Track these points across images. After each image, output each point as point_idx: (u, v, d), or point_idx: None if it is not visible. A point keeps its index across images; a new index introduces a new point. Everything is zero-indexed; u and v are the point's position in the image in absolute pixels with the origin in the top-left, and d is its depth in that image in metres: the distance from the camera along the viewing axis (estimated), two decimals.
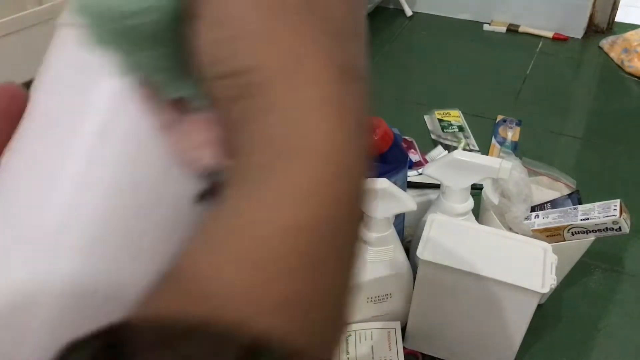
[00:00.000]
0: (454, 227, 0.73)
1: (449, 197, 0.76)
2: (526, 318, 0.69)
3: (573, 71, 1.50)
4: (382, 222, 0.69)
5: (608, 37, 1.59)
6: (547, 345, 0.82)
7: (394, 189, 0.67)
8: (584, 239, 0.77)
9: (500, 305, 0.69)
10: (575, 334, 0.84)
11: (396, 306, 0.78)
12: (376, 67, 1.52)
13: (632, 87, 1.42)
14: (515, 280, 0.65)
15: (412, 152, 1.04)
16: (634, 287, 0.91)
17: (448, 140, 1.22)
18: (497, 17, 1.72)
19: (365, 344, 0.76)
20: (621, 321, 0.86)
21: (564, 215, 0.79)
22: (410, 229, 0.87)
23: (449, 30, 1.71)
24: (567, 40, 1.63)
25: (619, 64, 1.50)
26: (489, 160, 0.73)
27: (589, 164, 1.17)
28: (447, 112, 1.31)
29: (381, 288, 0.75)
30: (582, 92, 1.41)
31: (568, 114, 1.32)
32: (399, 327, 0.78)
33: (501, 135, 1.24)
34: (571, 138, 1.24)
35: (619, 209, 0.74)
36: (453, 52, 1.59)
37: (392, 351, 0.75)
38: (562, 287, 0.88)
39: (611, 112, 1.33)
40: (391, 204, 0.67)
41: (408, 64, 1.55)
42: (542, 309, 0.86)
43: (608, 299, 0.89)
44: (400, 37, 1.67)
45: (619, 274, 0.93)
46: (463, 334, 0.74)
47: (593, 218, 0.75)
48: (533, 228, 0.80)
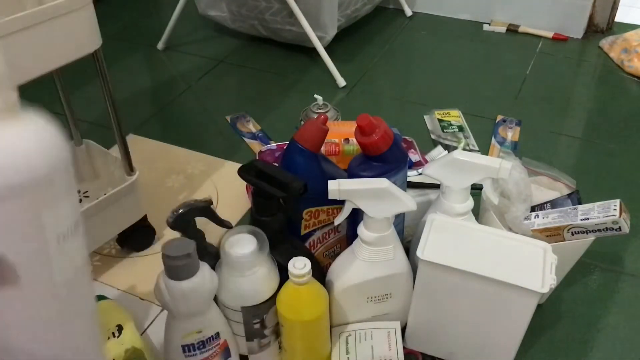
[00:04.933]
0: (454, 227, 0.73)
1: (449, 197, 0.76)
2: (526, 318, 0.69)
3: (573, 71, 1.50)
4: (382, 222, 0.69)
5: (608, 37, 1.59)
6: (547, 345, 0.82)
7: (394, 189, 0.67)
8: (584, 239, 0.77)
9: (500, 305, 0.69)
10: (575, 334, 0.84)
11: (396, 306, 0.78)
12: (376, 67, 1.52)
13: (632, 87, 1.42)
14: (515, 280, 0.66)
15: (412, 152, 1.04)
16: (634, 287, 0.91)
17: (448, 140, 1.22)
18: (497, 17, 1.72)
19: (365, 344, 0.76)
20: (621, 321, 0.86)
21: (564, 215, 0.79)
22: (410, 229, 0.87)
23: (449, 30, 1.71)
24: (567, 40, 1.63)
25: (619, 64, 1.50)
26: (489, 160, 0.73)
27: (589, 164, 1.17)
28: (447, 112, 1.31)
29: (381, 288, 0.75)
30: (582, 92, 1.41)
31: (568, 114, 1.32)
32: (399, 327, 0.78)
33: (501, 135, 1.24)
34: (571, 138, 1.24)
35: (619, 209, 0.74)
36: (453, 52, 1.59)
37: (392, 351, 0.75)
38: (562, 287, 0.88)
39: (611, 112, 1.33)
40: (391, 204, 0.67)
41: (408, 64, 1.55)
42: (542, 309, 0.86)
43: (608, 299, 0.89)
44: (400, 37, 1.67)
45: (619, 274, 0.93)
46: (463, 334, 0.74)
47: (593, 218, 0.75)
48: (533, 228, 0.80)
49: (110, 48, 1.55)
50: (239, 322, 0.71)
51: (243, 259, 0.67)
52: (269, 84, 1.46)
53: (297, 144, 0.73)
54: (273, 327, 0.73)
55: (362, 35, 1.67)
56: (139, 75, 1.52)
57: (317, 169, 0.74)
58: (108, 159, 0.98)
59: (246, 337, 0.73)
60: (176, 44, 1.65)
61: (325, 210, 0.78)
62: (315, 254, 0.81)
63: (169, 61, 1.59)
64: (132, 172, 0.89)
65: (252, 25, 1.56)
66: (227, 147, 1.23)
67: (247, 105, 1.37)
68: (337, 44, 1.54)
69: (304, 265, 0.66)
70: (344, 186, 0.67)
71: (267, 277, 0.69)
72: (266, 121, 1.31)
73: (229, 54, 1.60)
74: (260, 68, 1.53)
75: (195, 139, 1.26)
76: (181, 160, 1.19)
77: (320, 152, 0.76)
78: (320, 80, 1.46)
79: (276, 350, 0.77)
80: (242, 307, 0.69)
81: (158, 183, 1.13)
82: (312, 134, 0.73)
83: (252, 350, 0.75)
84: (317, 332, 0.72)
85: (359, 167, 0.75)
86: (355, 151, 0.89)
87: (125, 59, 1.60)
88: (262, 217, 0.71)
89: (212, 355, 0.69)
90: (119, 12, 1.85)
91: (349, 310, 0.77)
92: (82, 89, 1.41)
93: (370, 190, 0.67)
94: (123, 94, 1.42)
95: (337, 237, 0.83)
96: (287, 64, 1.54)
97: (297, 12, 1.40)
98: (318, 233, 0.80)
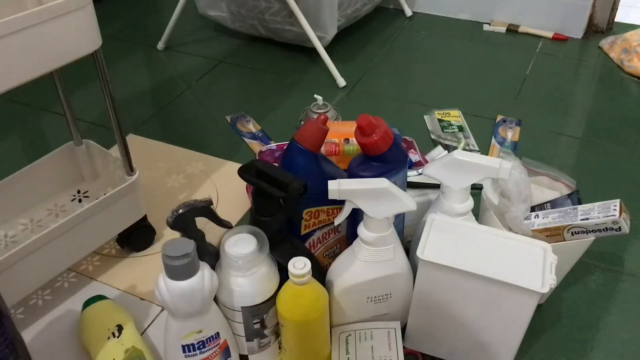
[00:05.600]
0: (454, 227, 0.73)
1: (449, 197, 0.76)
2: (526, 318, 0.69)
3: (573, 71, 1.50)
4: (382, 222, 0.69)
5: (608, 37, 1.59)
6: (547, 345, 0.82)
7: (394, 189, 0.67)
8: (584, 239, 0.77)
9: (500, 305, 0.69)
10: (575, 334, 0.84)
11: (396, 306, 0.78)
12: (376, 67, 1.52)
13: (632, 87, 1.42)
14: (515, 280, 0.65)
15: (412, 152, 1.04)
16: (634, 287, 0.91)
17: (448, 140, 1.22)
18: (497, 17, 1.72)
19: (365, 344, 0.76)
20: (621, 321, 0.86)
21: (564, 215, 0.79)
22: (410, 229, 0.87)
23: (449, 30, 1.71)
24: (566, 40, 1.63)
25: (619, 64, 1.50)
26: (489, 160, 0.73)
27: (589, 164, 1.17)
28: (447, 112, 1.31)
29: (381, 288, 0.75)
30: (582, 92, 1.41)
31: (568, 114, 1.32)
32: (399, 327, 0.78)
33: (501, 135, 1.24)
34: (571, 138, 1.24)
35: (619, 209, 0.74)
36: (453, 52, 1.59)
37: (392, 351, 0.75)
38: (562, 287, 0.89)
39: (611, 112, 1.33)
40: (391, 204, 0.67)
41: (408, 64, 1.55)
42: (542, 309, 0.86)
43: (608, 299, 0.89)
44: (400, 37, 1.67)
45: (619, 274, 0.93)
46: (463, 334, 0.74)
47: (593, 218, 0.75)
48: (533, 228, 0.80)
49: (110, 48, 1.56)
50: (239, 322, 0.71)
51: (243, 259, 0.67)
52: (269, 84, 1.46)
53: (297, 144, 0.73)
54: (273, 327, 0.73)
55: (362, 35, 1.67)
56: (139, 75, 1.52)
57: (317, 169, 0.74)
58: (108, 159, 0.98)
59: (246, 337, 0.73)
60: (176, 44, 1.65)
61: (325, 210, 0.78)
62: (315, 254, 0.81)
63: (169, 61, 1.59)
64: (132, 172, 0.89)
65: (252, 25, 1.56)
66: (227, 147, 1.23)
67: (247, 105, 1.37)
68: (337, 44, 1.54)
69: (304, 265, 0.66)
70: (344, 186, 0.67)
71: (267, 277, 0.69)
72: (266, 121, 1.31)
73: (229, 54, 1.60)
74: (260, 68, 1.53)
75: (195, 139, 1.26)
76: (181, 160, 1.19)
77: (320, 152, 0.76)
78: (320, 80, 1.46)
79: (276, 350, 0.77)
80: (242, 307, 0.69)
81: (158, 183, 1.13)
82: (312, 134, 0.73)
83: (252, 350, 0.75)
84: (317, 332, 0.72)
85: (359, 167, 0.75)
86: (355, 151, 0.89)
87: (125, 59, 1.60)
88: (262, 217, 0.71)
89: (212, 355, 0.69)
90: (119, 12, 1.85)
91: (349, 310, 0.77)
92: (82, 89, 1.41)
93: (370, 190, 0.67)
94: (123, 94, 1.42)
95: (337, 237, 0.83)
96: (287, 64, 1.54)
97: (297, 12, 1.40)
98: (318, 233, 0.80)
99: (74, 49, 0.71)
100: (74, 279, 0.93)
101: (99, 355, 0.76)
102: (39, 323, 0.86)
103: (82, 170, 1.03)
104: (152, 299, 0.89)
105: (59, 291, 0.91)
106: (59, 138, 1.09)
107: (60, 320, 0.86)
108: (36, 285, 0.84)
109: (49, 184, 1.00)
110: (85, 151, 1.01)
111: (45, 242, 0.81)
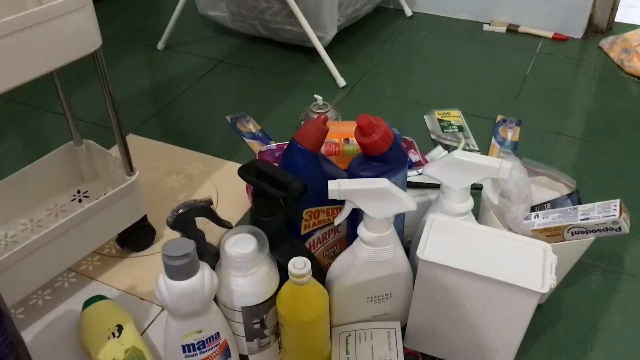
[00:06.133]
0: (454, 227, 0.73)
1: (449, 197, 0.76)
2: (526, 318, 0.69)
3: (573, 71, 1.50)
4: (382, 222, 0.69)
5: (608, 37, 1.59)
6: (547, 345, 0.82)
7: (394, 189, 0.67)
8: (583, 239, 0.77)
9: (500, 305, 0.69)
10: (575, 334, 0.84)
11: (396, 306, 0.78)
12: (376, 67, 1.52)
13: (632, 87, 1.42)
14: (515, 280, 0.65)
15: (412, 152, 1.04)
16: (634, 287, 0.91)
17: (448, 140, 1.22)
18: (497, 17, 1.72)
19: (365, 344, 0.76)
20: (621, 321, 0.86)
21: (564, 215, 0.79)
22: (410, 229, 0.87)
23: (449, 30, 1.71)
24: (566, 40, 1.63)
25: (619, 64, 1.50)
26: (489, 160, 0.72)
27: (589, 164, 1.17)
28: (447, 112, 1.31)
29: (381, 288, 0.75)
30: (582, 92, 1.41)
31: (568, 114, 1.32)
32: (399, 327, 0.78)
33: (501, 135, 1.24)
34: (571, 138, 1.24)
35: (619, 209, 0.74)
36: (453, 52, 1.59)
37: (392, 351, 0.75)
38: (562, 287, 0.89)
39: (611, 112, 1.33)
40: (391, 204, 0.67)
41: (408, 64, 1.55)
42: (542, 309, 0.86)
43: (608, 299, 0.89)
44: (400, 37, 1.67)
45: (619, 274, 0.93)
46: (463, 334, 0.74)
47: (593, 218, 0.75)
48: (533, 228, 0.80)
49: (110, 48, 1.56)
50: (239, 322, 0.71)
51: (243, 259, 0.67)
52: (269, 84, 1.46)
53: (297, 144, 0.73)
54: (273, 327, 0.73)
55: (362, 35, 1.67)
56: (139, 75, 1.52)
57: (317, 169, 0.74)
58: (108, 159, 0.98)
59: (246, 337, 0.73)
60: (176, 44, 1.65)
61: (325, 210, 0.78)
62: (315, 254, 0.81)
63: (169, 61, 1.59)
64: (132, 172, 0.89)
65: (252, 25, 1.56)
66: (227, 147, 1.23)
67: (247, 105, 1.37)
68: (337, 44, 1.54)
69: (304, 265, 0.66)
70: (344, 186, 0.67)
71: (267, 277, 0.69)
72: (266, 121, 1.31)
73: (229, 54, 1.60)
74: (260, 68, 1.53)
75: (195, 139, 1.26)
76: (181, 160, 1.19)
77: (320, 152, 0.76)
78: (320, 80, 1.46)
79: (276, 350, 0.77)
80: (242, 307, 0.69)
81: (158, 183, 1.13)
82: (312, 134, 0.73)
83: (252, 350, 0.75)
84: (317, 332, 0.72)
85: (359, 167, 0.75)
86: (355, 151, 0.89)
87: (125, 59, 1.60)
88: (262, 217, 0.71)
89: (212, 355, 0.69)
90: (119, 12, 1.85)
91: (349, 310, 0.77)
92: (82, 89, 1.41)
93: (370, 190, 0.67)
94: (123, 94, 1.42)
95: (337, 237, 0.83)
96: (287, 64, 1.54)
97: (297, 12, 1.40)
98: (318, 233, 0.80)
99: (74, 49, 0.71)
100: (74, 279, 0.93)
101: (99, 355, 0.76)
102: (39, 323, 0.86)
103: (82, 170, 1.03)
104: (152, 299, 0.89)
105: (59, 291, 0.91)
106: (59, 138, 1.09)
107: (60, 320, 0.86)
108: (36, 285, 0.84)
109: (49, 184, 1.00)
110: (85, 151, 1.01)
111: (45, 242, 0.81)
